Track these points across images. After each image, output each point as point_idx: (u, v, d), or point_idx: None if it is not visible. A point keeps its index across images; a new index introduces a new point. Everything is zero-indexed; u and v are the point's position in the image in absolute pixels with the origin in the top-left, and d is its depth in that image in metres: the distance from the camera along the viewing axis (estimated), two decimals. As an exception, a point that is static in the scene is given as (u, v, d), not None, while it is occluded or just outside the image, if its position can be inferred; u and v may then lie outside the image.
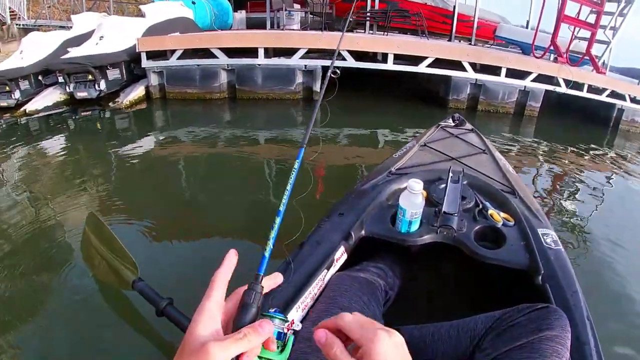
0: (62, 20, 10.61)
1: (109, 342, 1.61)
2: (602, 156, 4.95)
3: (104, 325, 1.68)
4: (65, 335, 1.64)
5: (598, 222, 2.97)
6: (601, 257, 2.42)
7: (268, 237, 0.55)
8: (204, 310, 0.43)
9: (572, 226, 2.84)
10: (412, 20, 7.00)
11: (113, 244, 1.64)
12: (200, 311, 0.43)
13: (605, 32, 6.39)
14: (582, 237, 2.69)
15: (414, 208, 1.14)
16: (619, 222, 3.00)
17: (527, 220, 1.28)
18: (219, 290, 0.46)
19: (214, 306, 0.44)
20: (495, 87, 5.98)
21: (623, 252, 2.48)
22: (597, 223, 2.95)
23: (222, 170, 3.57)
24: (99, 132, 4.80)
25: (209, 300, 0.44)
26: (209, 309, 0.43)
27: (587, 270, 2.27)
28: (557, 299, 1.00)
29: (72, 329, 1.67)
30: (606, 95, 6.27)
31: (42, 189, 3.04)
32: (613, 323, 1.84)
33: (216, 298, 0.45)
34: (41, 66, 5.78)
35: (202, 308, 0.43)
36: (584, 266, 2.30)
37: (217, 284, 0.46)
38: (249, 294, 0.47)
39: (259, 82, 5.79)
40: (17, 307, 1.77)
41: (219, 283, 0.46)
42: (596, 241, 2.61)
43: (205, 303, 0.44)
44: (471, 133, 2.22)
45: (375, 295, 1.06)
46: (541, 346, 0.77)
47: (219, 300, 0.45)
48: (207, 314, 0.43)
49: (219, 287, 0.46)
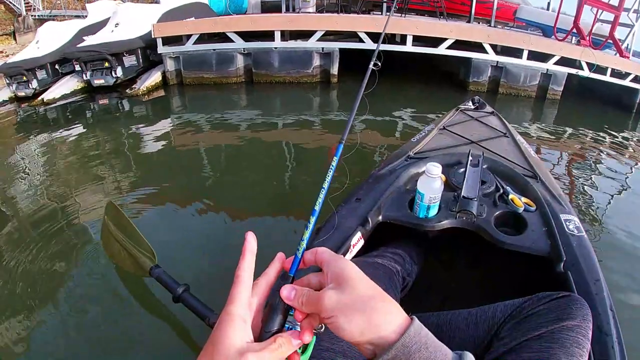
0: (77, 10, 10.68)
1: (127, 327, 1.64)
2: (625, 143, 4.80)
3: (122, 311, 1.72)
4: (84, 320, 1.68)
5: (622, 210, 2.87)
6: (625, 246, 2.33)
7: (302, 238, 0.51)
8: (234, 318, 0.40)
9: (595, 213, 2.76)
10: (430, 2, 6.86)
11: (131, 232, 1.69)
12: (228, 319, 0.40)
13: (628, 15, 6.20)
14: (605, 224, 2.60)
15: (432, 192, 1.11)
16: None
17: (549, 205, 1.24)
18: (245, 289, 0.43)
19: (242, 310, 0.42)
20: (516, 70, 5.83)
21: None
22: (620, 210, 2.85)
23: (239, 155, 3.55)
24: (117, 119, 4.82)
25: (235, 304, 0.41)
26: (238, 315, 0.41)
27: (611, 259, 2.19)
28: (579, 287, 0.96)
29: (91, 314, 1.71)
30: (630, 80, 6.08)
31: (62, 177, 3.07)
32: (637, 314, 1.77)
33: (243, 300, 0.42)
34: (57, 55, 5.84)
35: (230, 315, 0.41)
36: (608, 254, 2.22)
37: (242, 280, 0.43)
38: (279, 296, 0.45)
39: (275, 66, 5.74)
40: (40, 292, 1.80)
41: (243, 279, 0.44)
42: (620, 229, 2.52)
43: (232, 309, 0.41)
44: (492, 116, 2.17)
45: (393, 281, 1.04)
46: (561, 336, 0.73)
47: (246, 301, 0.43)
48: (237, 321, 0.40)
49: (244, 286, 0.43)
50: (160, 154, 3.55)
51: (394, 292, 1.00)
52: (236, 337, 0.39)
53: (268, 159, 3.43)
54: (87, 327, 1.63)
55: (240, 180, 2.96)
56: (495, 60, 5.79)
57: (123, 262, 1.71)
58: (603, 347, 0.82)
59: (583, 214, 2.66)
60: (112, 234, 1.76)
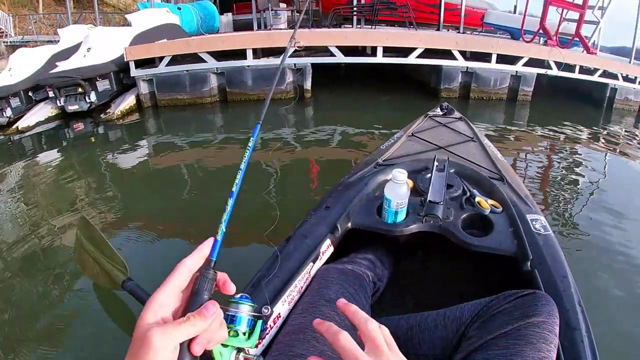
0: (49, 35, 10.58)
1: (101, 341, 1.67)
2: (595, 137, 4.94)
3: (96, 324, 1.75)
4: (59, 334, 1.70)
5: (589, 206, 2.94)
6: (593, 241, 2.39)
7: (220, 221, 0.53)
8: (153, 299, 0.42)
9: (562, 211, 2.82)
10: (399, 12, 6.98)
11: (103, 246, 1.70)
12: (149, 302, 0.42)
13: (593, 13, 6.37)
14: (573, 221, 2.66)
15: (399, 198, 1.13)
16: (613, 204, 2.95)
17: (515, 206, 1.26)
18: (177, 278, 0.45)
19: (165, 296, 0.43)
20: (486, 74, 5.96)
21: (619, 235, 2.46)
22: (588, 206, 2.92)
23: (213, 173, 3.56)
24: (92, 145, 4.78)
25: (160, 290, 0.43)
26: (157, 299, 0.42)
27: (579, 255, 2.25)
28: (546, 284, 0.98)
29: (65, 329, 1.74)
30: (598, 76, 6.25)
31: (39, 203, 3.06)
32: (606, 309, 1.82)
33: (170, 287, 0.44)
34: (31, 82, 5.76)
35: (151, 298, 0.42)
36: (576, 251, 2.28)
37: (177, 272, 0.45)
38: (200, 280, 0.45)
39: (249, 84, 5.77)
40: (15, 311, 1.83)
41: (179, 271, 0.45)
42: (588, 225, 2.59)
43: (155, 293, 0.43)
44: (459, 121, 2.21)
45: (363, 286, 1.05)
46: (527, 332, 0.76)
47: (173, 288, 0.44)
48: (155, 304, 0.42)
49: (177, 276, 0.45)
50: (135, 176, 3.56)
51: (364, 297, 1.02)
52: (149, 317, 0.41)
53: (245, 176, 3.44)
54: (62, 343, 1.66)
55: (213, 196, 2.97)
56: (465, 66, 5.91)
57: (96, 276, 1.73)
58: (572, 342, 0.84)
59: (550, 212, 2.71)
60: (84, 249, 1.77)
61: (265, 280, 0.97)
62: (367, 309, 0.99)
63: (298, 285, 0.99)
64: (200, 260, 0.47)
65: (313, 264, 1.07)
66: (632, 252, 2.30)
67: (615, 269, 2.12)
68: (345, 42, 5.64)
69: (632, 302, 1.90)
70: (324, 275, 1.03)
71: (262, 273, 1.01)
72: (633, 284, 2.02)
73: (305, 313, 0.89)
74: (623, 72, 6.35)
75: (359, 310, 0.52)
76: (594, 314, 1.01)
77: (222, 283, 0.48)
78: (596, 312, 1.66)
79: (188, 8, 8.05)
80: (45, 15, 11.96)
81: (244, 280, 1.00)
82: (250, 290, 0.96)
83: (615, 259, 2.21)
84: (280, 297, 0.93)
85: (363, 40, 5.97)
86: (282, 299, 0.93)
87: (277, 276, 0.99)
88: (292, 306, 0.96)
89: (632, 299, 1.92)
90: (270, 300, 0.92)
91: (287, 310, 0.94)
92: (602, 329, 1.58)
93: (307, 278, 1.03)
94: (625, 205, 2.93)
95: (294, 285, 0.97)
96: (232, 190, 0.58)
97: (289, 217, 2.63)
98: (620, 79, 6.34)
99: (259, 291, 0.93)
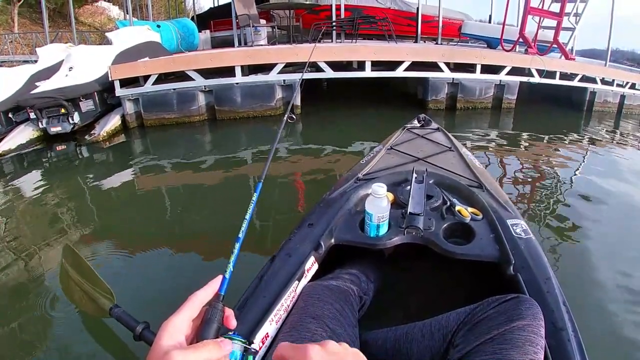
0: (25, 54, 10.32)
1: None
2: (575, 140, 5.10)
3: (85, 353, 1.72)
4: None
5: (572, 206, 2.97)
6: (576, 242, 2.44)
7: (228, 261, 0.60)
8: (170, 324, 0.46)
9: (545, 213, 2.85)
10: (379, 26, 7.06)
11: (89, 274, 1.68)
12: (165, 325, 0.46)
13: (569, 19, 6.60)
14: (555, 223, 2.69)
15: (380, 212, 1.15)
16: (593, 204, 3.01)
17: (495, 212, 1.28)
18: (190, 308, 0.49)
19: (180, 322, 0.47)
20: (472, 84, 6.09)
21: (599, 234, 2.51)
22: (571, 207, 2.95)
23: (203, 194, 3.49)
24: (76, 168, 4.63)
25: (176, 315, 0.47)
26: (174, 324, 0.46)
27: (561, 256, 2.29)
28: (531, 287, 1.00)
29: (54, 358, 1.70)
30: (578, 80, 6.46)
31: (21, 228, 2.94)
32: (591, 307, 1.84)
33: (185, 315, 0.48)
34: (10, 103, 5.55)
35: (168, 322, 0.46)
36: (558, 252, 2.31)
37: (190, 302, 0.49)
38: (210, 311, 0.51)
39: (238, 101, 5.71)
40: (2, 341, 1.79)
41: (192, 302, 0.50)
42: (570, 226, 2.63)
43: (172, 318, 0.47)
44: (437, 132, 2.26)
45: (349, 301, 1.05)
46: (513, 336, 0.77)
47: (187, 317, 0.48)
48: (172, 328, 0.46)
49: (190, 306, 0.49)
50: (120, 200, 3.47)
51: (350, 312, 1.02)
52: (167, 341, 0.44)
53: (229, 195, 3.39)
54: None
55: (201, 220, 2.92)
56: (451, 77, 6.01)
57: (83, 304, 1.70)
58: (559, 342, 0.84)
59: (531, 216, 2.75)
60: (70, 277, 1.74)
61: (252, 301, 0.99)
62: (354, 324, 1.00)
63: (284, 304, 1.00)
64: (210, 294, 0.53)
65: (298, 282, 1.07)
66: (613, 249, 2.37)
67: (597, 268, 2.16)
68: (334, 57, 5.65)
69: (616, 298, 1.93)
70: (310, 293, 1.04)
71: (247, 294, 1.02)
72: (616, 281, 2.05)
73: (292, 331, 0.90)
74: (601, 75, 6.58)
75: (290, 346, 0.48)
76: (580, 314, 1.02)
77: (227, 317, 0.53)
78: (581, 311, 1.67)
79: (168, 26, 7.98)
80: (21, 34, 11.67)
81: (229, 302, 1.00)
82: (237, 313, 0.95)
83: (597, 258, 2.25)
84: (268, 316, 0.94)
85: (352, 55, 6.01)
86: (269, 318, 0.94)
87: (263, 296, 1.00)
88: (279, 325, 0.97)
89: (616, 295, 1.95)
90: (257, 320, 0.92)
91: (275, 329, 0.95)
92: (588, 327, 1.61)
93: (293, 296, 1.04)
94: (604, 205, 3.02)
95: (280, 304, 0.98)
96: (239, 236, 0.65)
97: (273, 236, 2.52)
98: (599, 83, 6.58)
99: (245, 312, 0.95)
